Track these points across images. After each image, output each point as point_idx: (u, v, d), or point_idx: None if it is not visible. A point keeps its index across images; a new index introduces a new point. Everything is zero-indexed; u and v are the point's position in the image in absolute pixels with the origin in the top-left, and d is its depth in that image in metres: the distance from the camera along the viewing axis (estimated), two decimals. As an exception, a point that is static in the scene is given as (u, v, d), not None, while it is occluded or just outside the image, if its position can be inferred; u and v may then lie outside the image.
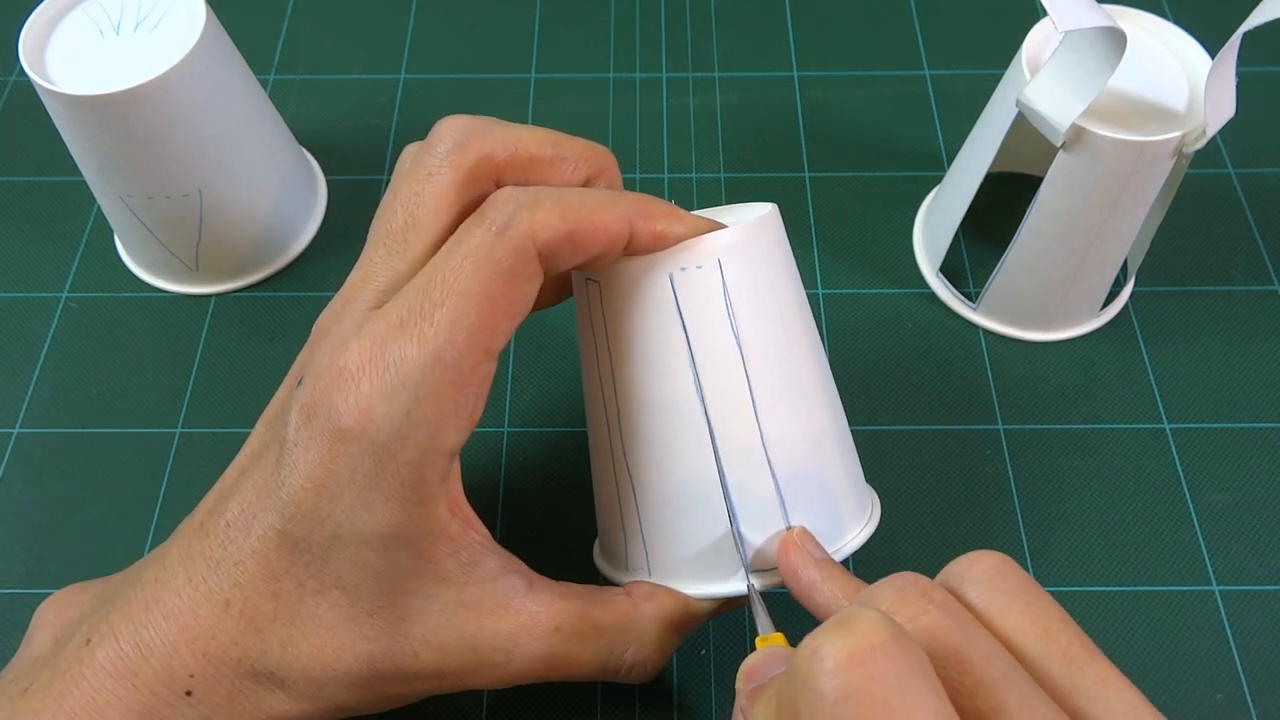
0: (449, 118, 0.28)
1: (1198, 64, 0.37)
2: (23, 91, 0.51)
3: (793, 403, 0.29)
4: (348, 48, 0.53)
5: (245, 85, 0.42)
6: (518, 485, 0.40)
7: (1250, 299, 0.44)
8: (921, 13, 0.54)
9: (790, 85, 0.51)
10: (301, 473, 0.26)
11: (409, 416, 0.25)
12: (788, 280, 0.30)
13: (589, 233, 0.26)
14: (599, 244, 0.27)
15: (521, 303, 0.26)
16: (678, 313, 0.28)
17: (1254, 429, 0.40)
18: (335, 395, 0.25)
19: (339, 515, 0.26)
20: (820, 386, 0.31)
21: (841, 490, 0.31)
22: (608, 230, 0.26)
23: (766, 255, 0.29)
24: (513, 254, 0.25)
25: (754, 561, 0.30)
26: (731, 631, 0.36)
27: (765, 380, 0.29)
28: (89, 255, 0.46)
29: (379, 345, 0.25)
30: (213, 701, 0.27)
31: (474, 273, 0.25)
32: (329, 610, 0.27)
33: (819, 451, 0.30)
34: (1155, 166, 0.36)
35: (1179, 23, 0.38)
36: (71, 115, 0.38)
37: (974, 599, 0.24)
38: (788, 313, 0.30)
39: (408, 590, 0.27)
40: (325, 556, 0.26)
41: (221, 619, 0.26)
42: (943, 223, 0.43)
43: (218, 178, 0.41)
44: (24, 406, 0.42)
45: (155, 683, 0.26)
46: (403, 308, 0.25)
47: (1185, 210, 0.45)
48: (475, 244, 0.25)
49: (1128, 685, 0.23)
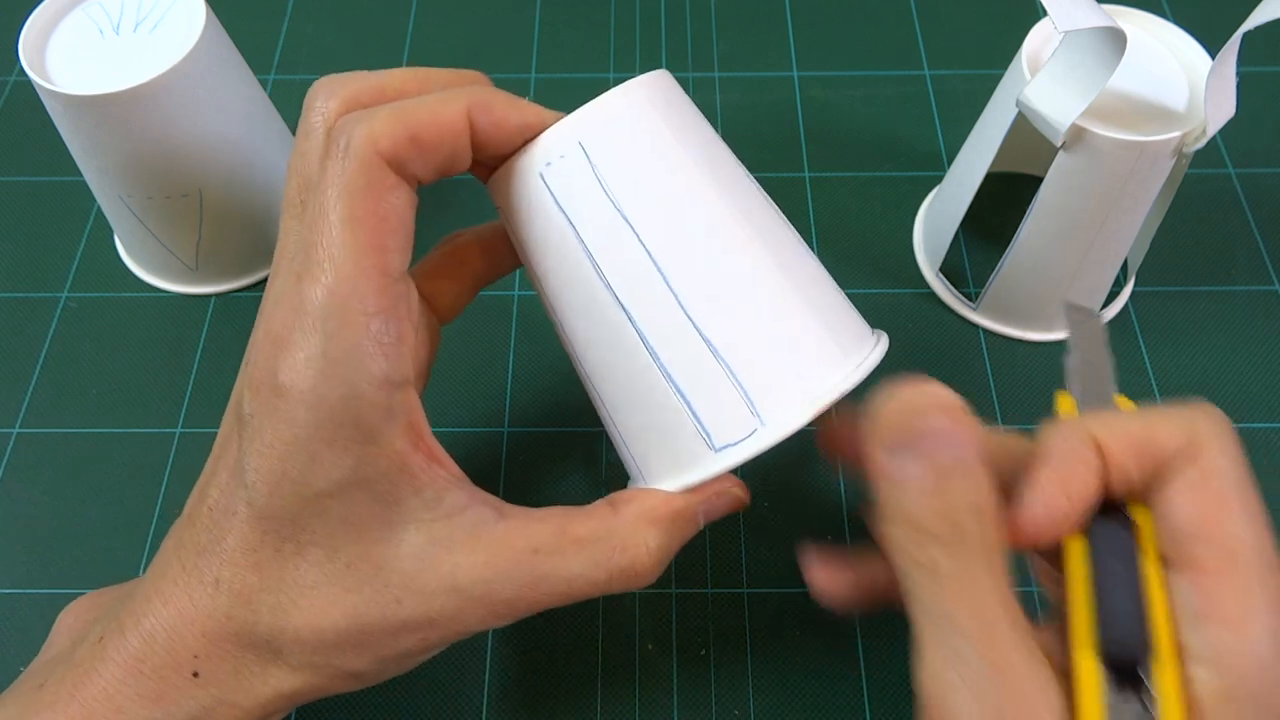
0: (318, 80, 0.29)
1: (1198, 64, 0.37)
2: (23, 91, 0.52)
3: (717, 261, 0.27)
4: (348, 48, 0.53)
5: (245, 85, 0.42)
6: (518, 485, 0.40)
7: (1250, 299, 0.44)
8: (921, 13, 0.54)
9: (790, 85, 0.51)
10: (259, 443, 0.26)
11: (326, 356, 0.25)
12: (682, 137, 0.28)
13: (428, 131, 0.27)
14: (442, 141, 0.27)
15: (395, 216, 0.27)
16: (559, 210, 0.28)
17: (1254, 429, 0.40)
18: (273, 361, 0.26)
19: (296, 474, 0.26)
20: (758, 235, 0.28)
21: (816, 332, 0.28)
22: (446, 125, 0.27)
23: (645, 123, 0.28)
24: (362, 170, 0.26)
25: (724, 434, 0.28)
26: (732, 631, 0.36)
27: (673, 250, 0.27)
28: (89, 255, 0.46)
29: (293, 302, 0.26)
30: (219, 680, 0.27)
31: (336, 200, 0.26)
32: (310, 569, 0.27)
33: (774, 301, 0.28)
34: (1155, 166, 0.36)
35: (1179, 23, 0.38)
36: (71, 115, 0.38)
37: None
38: (690, 171, 0.28)
39: (378, 537, 0.27)
40: (295, 519, 0.27)
41: (214, 598, 0.27)
42: (943, 223, 0.43)
43: (218, 178, 0.41)
44: (24, 406, 0.42)
45: (163, 668, 0.27)
46: (298, 261, 0.26)
47: (1185, 210, 0.45)
48: (329, 174, 0.26)
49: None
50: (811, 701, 0.35)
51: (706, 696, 0.35)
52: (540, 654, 0.36)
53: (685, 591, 0.37)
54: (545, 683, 0.36)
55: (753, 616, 0.37)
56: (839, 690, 0.35)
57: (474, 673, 0.36)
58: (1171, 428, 0.24)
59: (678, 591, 0.37)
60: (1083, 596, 0.24)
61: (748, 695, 0.35)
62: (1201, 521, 0.23)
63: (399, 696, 0.35)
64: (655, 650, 0.36)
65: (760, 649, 0.36)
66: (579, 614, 0.37)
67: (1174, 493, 0.24)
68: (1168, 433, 0.24)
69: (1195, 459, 0.24)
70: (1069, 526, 0.24)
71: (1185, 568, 0.23)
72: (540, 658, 0.36)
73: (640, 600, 0.37)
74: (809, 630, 0.36)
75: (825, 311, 0.29)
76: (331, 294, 0.25)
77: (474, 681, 0.36)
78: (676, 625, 0.37)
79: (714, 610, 0.37)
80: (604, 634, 0.36)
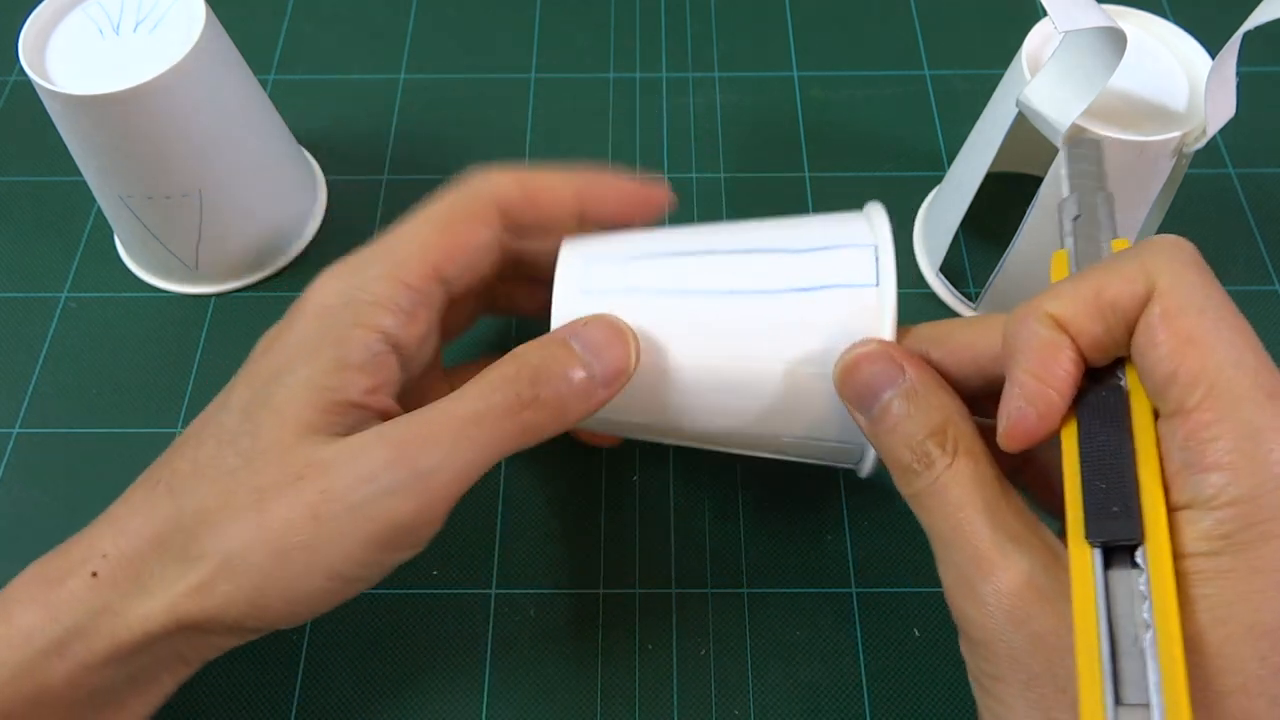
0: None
1: (1198, 64, 0.37)
2: (23, 91, 0.52)
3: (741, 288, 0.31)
4: (348, 48, 0.53)
5: (245, 85, 0.42)
6: (519, 483, 0.40)
7: (1250, 299, 0.44)
8: (921, 13, 0.54)
9: (790, 85, 0.51)
10: (249, 369, 0.30)
11: (350, 288, 0.30)
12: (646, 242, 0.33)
13: (542, 194, 0.32)
14: (552, 206, 0.32)
15: (473, 244, 0.31)
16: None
17: (1254, 429, 0.40)
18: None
19: (265, 373, 0.29)
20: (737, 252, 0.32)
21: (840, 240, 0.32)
22: (558, 195, 0.32)
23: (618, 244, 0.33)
24: (471, 199, 0.31)
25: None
26: (732, 631, 0.36)
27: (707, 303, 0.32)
28: (89, 255, 0.46)
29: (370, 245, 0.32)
30: (115, 583, 0.27)
31: (438, 207, 0.32)
32: (233, 457, 0.28)
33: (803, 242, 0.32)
34: (1155, 166, 0.36)
35: (1179, 23, 0.38)
36: (71, 115, 0.38)
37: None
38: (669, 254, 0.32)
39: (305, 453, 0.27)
40: (244, 411, 0.29)
41: (148, 497, 0.28)
42: (943, 223, 0.43)
43: (218, 178, 0.41)
44: (24, 406, 0.42)
45: (64, 569, 0.27)
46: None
47: (1185, 210, 0.45)
48: (446, 195, 0.32)
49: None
50: (811, 701, 0.35)
51: (706, 696, 0.35)
52: (540, 654, 0.36)
53: (685, 591, 0.37)
54: (545, 682, 0.36)
55: (753, 616, 0.37)
56: (839, 690, 0.35)
57: (473, 673, 0.36)
58: (1121, 278, 0.23)
59: (678, 591, 0.37)
60: (1075, 483, 0.23)
61: (748, 695, 0.35)
62: (1172, 363, 0.22)
63: (397, 695, 0.35)
64: (655, 650, 0.36)
65: (760, 649, 0.36)
66: (579, 614, 0.37)
67: (1142, 340, 0.23)
68: (1118, 285, 0.23)
69: (1154, 300, 0.23)
70: (1058, 416, 0.24)
71: (1172, 415, 0.23)
72: (540, 657, 0.36)
73: (640, 600, 0.37)
74: (809, 630, 0.36)
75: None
76: (382, 248, 0.31)
77: (473, 681, 0.36)
78: (676, 625, 0.37)
79: (714, 610, 0.37)
80: (604, 634, 0.36)
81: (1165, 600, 0.21)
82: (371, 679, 0.36)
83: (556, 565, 0.38)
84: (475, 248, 0.31)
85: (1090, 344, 0.24)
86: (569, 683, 0.36)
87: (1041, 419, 0.24)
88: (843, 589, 0.37)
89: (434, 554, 0.38)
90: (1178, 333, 0.22)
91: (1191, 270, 0.23)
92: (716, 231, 0.33)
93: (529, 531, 0.39)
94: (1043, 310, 0.24)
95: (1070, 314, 0.24)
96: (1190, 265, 0.23)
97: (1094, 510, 0.23)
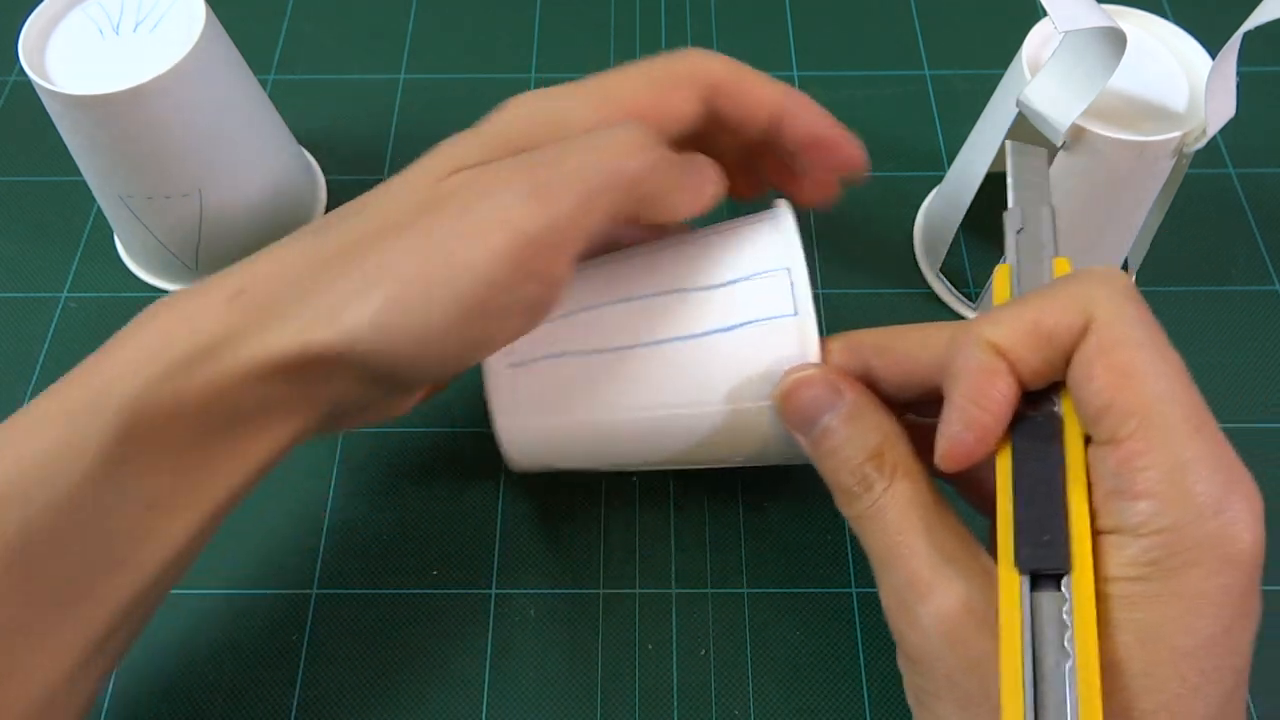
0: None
1: (1198, 64, 0.37)
2: (23, 91, 0.51)
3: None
4: (348, 48, 0.53)
5: (245, 85, 0.42)
6: (519, 484, 0.40)
7: (1250, 299, 0.44)
8: (921, 13, 0.54)
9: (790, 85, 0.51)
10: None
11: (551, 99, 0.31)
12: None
13: (752, 87, 0.32)
14: (755, 105, 0.32)
15: (678, 112, 0.31)
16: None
17: (1254, 429, 0.40)
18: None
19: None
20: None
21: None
22: (766, 95, 0.32)
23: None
24: (685, 67, 0.31)
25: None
26: (732, 631, 0.36)
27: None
28: (89, 255, 0.46)
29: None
30: (250, 309, 0.27)
31: (653, 65, 0.31)
32: (383, 195, 0.29)
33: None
34: (1155, 166, 0.36)
35: (1179, 23, 0.38)
36: (71, 115, 0.38)
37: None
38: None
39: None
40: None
41: (289, 241, 0.28)
42: (943, 223, 0.43)
43: (218, 178, 0.41)
44: (24, 406, 0.42)
45: (204, 292, 0.27)
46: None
47: (1185, 210, 0.45)
48: (660, 58, 0.32)
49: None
50: (811, 701, 0.35)
51: (706, 696, 0.35)
52: (540, 654, 0.36)
53: (685, 591, 0.37)
54: (545, 682, 0.36)
55: (753, 616, 0.37)
56: (839, 690, 0.35)
57: (473, 673, 0.36)
58: (1059, 309, 0.24)
59: (678, 591, 0.37)
60: (1008, 508, 0.24)
61: (748, 695, 0.35)
62: (1107, 393, 0.23)
63: (397, 695, 0.35)
64: (655, 650, 0.36)
65: (760, 649, 0.36)
66: (579, 614, 0.37)
67: (1077, 371, 0.24)
68: (1056, 315, 0.24)
69: (1091, 332, 0.24)
70: (994, 440, 0.25)
71: (1104, 443, 0.23)
72: (540, 657, 0.36)
73: (640, 600, 0.37)
74: (809, 630, 0.36)
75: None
76: (592, 83, 0.31)
77: (473, 681, 0.36)
78: (676, 625, 0.37)
79: (714, 610, 0.37)
80: (604, 634, 0.36)
81: (1086, 630, 0.22)
82: (371, 679, 0.36)
83: (556, 565, 0.38)
84: (679, 117, 0.31)
85: (1028, 371, 0.25)
86: (569, 683, 0.36)
87: (978, 443, 0.25)
88: (843, 589, 0.37)
89: (434, 554, 0.38)
90: (1114, 366, 0.23)
91: (1129, 303, 0.24)
92: (630, 264, 0.33)
93: (529, 531, 0.39)
94: (983, 337, 0.25)
95: (1009, 343, 0.25)
96: (1128, 298, 0.24)
97: (1024, 537, 0.23)
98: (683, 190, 0.30)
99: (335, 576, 0.38)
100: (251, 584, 0.37)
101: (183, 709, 0.35)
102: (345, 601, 0.37)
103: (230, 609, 0.37)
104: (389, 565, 0.38)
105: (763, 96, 0.32)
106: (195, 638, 0.34)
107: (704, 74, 0.31)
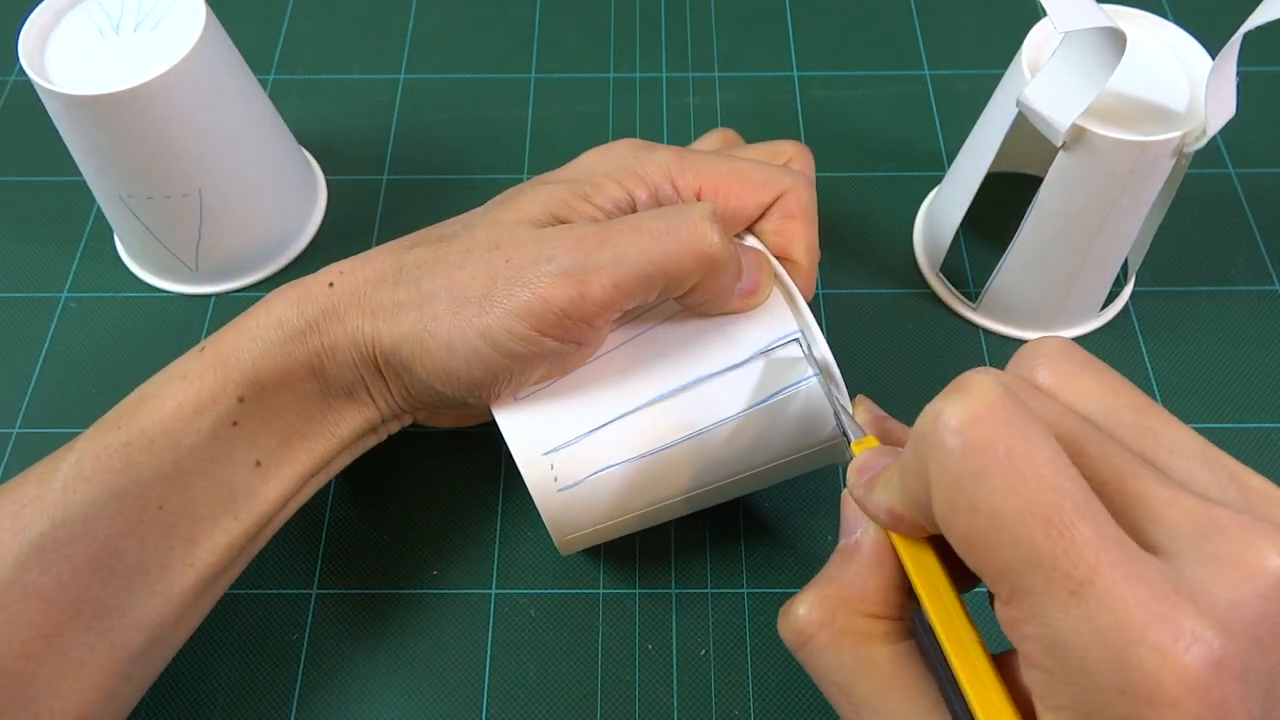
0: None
1: (1198, 64, 0.37)
2: (23, 91, 0.52)
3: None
4: (348, 48, 0.53)
5: (245, 85, 0.42)
6: (519, 484, 0.40)
7: (1250, 299, 0.44)
8: (921, 13, 0.54)
9: (790, 85, 0.51)
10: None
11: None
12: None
13: (800, 230, 0.34)
14: (790, 234, 0.34)
15: (751, 214, 0.34)
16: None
17: (1254, 429, 0.40)
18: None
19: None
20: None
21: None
22: (801, 233, 0.34)
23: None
24: (782, 178, 0.34)
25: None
26: (731, 631, 0.36)
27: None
28: (89, 255, 0.46)
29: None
30: (343, 296, 0.31)
31: (754, 154, 0.36)
32: (459, 226, 0.33)
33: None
34: (1155, 166, 0.36)
35: (1179, 23, 0.38)
36: (71, 115, 0.38)
37: (1042, 377, 0.25)
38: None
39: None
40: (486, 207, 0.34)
41: (386, 249, 0.33)
42: (943, 223, 0.43)
43: (218, 178, 0.41)
44: (24, 406, 0.42)
45: (308, 279, 0.32)
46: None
47: (1185, 210, 0.45)
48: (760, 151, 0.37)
49: (1189, 427, 0.23)
50: (811, 702, 0.35)
51: (706, 696, 0.35)
52: (540, 654, 0.36)
53: (685, 592, 0.37)
54: (545, 682, 0.36)
55: (753, 616, 0.37)
56: (839, 690, 0.35)
57: (473, 673, 0.36)
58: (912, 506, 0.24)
59: (678, 592, 0.37)
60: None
61: (748, 695, 0.35)
62: (972, 563, 0.22)
63: (397, 695, 0.35)
64: (655, 650, 0.36)
65: (760, 649, 0.36)
66: (579, 614, 0.37)
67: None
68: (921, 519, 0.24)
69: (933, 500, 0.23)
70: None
71: (998, 602, 0.21)
72: (540, 657, 0.36)
73: (640, 600, 0.37)
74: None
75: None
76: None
77: (474, 681, 0.36)
78: (676, 625, 0.37)
79: (714, 610, 0.37)
80: (604, 634, 0.36)
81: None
82: (371, 679, 0.36)
83: (556, 565, 0.38)
84: (748, 218, 0.34)
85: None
86: (569, 683, 0.36)
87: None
88: (843, 589, 0.37)
89: (434, 554, 0.38)
90: (957, 541, 0.22)
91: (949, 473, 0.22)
92: (645, 361, 0.33)
93: (529, 531, 0.39)
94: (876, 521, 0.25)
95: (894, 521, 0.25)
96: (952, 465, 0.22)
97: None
98: (730, 294, 0.32)
99: (335, 576, 0.38)
100: (251, 584, 0.37)
101: (183, 709, 0.35)
102: (345, 601, 0.37)
103: (230, 609, 0.37)
104: (389, 565, 0.38)
105: (800, 234, 0.34)
106: (195, 637, 0.34)
107: (789, 196, 0.34)
